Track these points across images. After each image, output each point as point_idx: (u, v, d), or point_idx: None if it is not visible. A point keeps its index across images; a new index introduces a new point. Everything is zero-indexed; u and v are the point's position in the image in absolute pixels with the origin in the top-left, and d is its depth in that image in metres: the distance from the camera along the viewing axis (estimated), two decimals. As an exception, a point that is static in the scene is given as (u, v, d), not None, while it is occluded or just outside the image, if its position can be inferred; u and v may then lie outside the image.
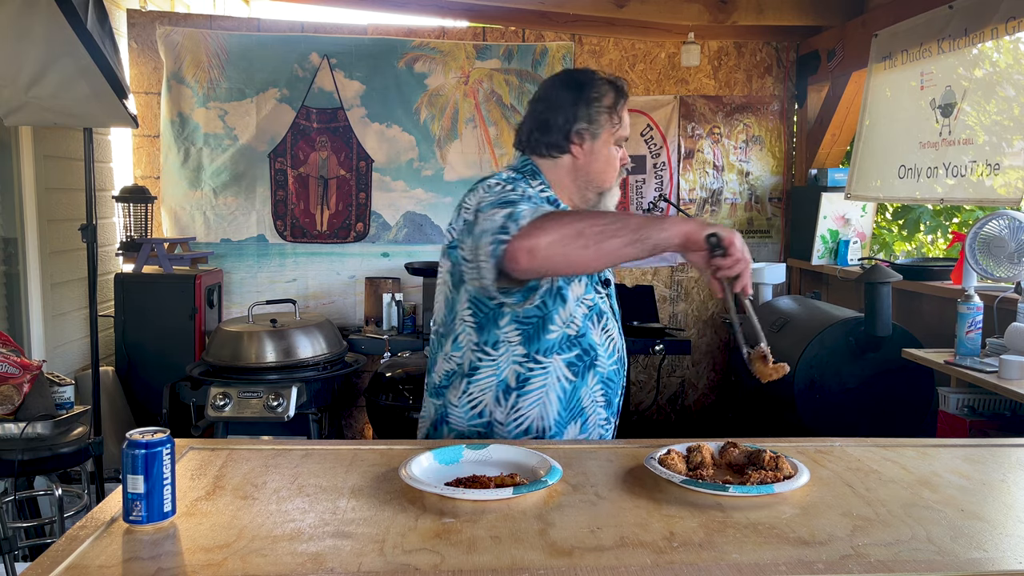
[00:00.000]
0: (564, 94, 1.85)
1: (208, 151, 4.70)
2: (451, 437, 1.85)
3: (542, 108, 1.84)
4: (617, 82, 1.91)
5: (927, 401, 3.32)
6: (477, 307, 1.77)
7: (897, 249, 5.13)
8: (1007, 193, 3.06)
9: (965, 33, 3.26)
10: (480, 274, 1.58)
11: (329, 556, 1.22)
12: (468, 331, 1.79)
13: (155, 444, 1.33)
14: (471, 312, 1.78)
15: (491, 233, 1.54)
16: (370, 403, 3.54)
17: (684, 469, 1.59)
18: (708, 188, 5.00)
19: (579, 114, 1.83)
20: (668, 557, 1.22)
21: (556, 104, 1.83)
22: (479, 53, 4.81)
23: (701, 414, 5.13)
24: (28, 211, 3.70)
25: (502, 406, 1.81)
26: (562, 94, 1.85)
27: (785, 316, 3.69)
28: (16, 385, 2.77)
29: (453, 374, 1.84)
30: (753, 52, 4.97)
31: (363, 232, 4.85)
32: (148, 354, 4.14)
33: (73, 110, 3.13)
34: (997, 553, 1.26)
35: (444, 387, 1.86)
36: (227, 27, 4.72)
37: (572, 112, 1.82)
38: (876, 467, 1.64)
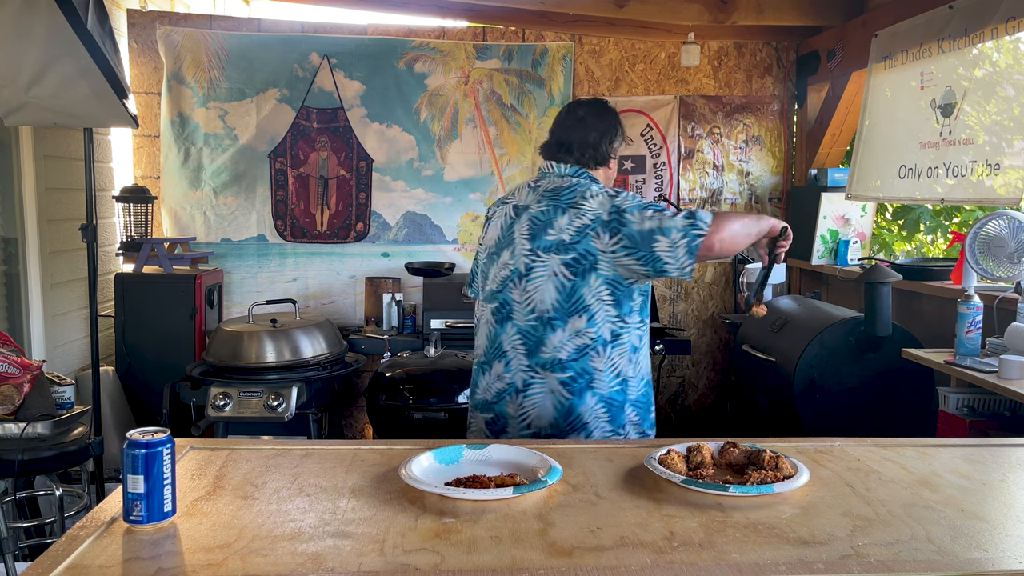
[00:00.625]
0: (605, 119, 2.29)
1: (208, 151, 4.70)
2: (595, 402, 2.14)
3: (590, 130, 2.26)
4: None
5: (927, 401, 3.32)
6: (615, 287, 2.12)
7: (897, 249, 5.13)
8: (1007, 193, 3.06)
9: (965, 33, 3.26)
10: (679, 260, 2.02)
11: (329, 556, 1.22)
12: (605, 308, 2.12)
13: (155, 444, 1.33)
14: (608, 292, 2.12)
15: (680, 229, 2.01)
16: (370, 403, 3.54)
17: (684, 469, 1.59)
18: (708, 188, 5.00)
19: (616, 135, 2.30)
20: (668, 557, 1.23)
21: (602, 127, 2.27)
22: (479, 53, 4.81)
23: (701, 414, 5.13)
24: (28, 211, 3.70)
25: (631, 364, 2.18)
26: (604, 119, 2.28)
27: (785, 316, 3.69)
28: (16, 385, 2.77)
29: (588, 347, 2.13)
30: (753, 52, 4.97)
31: (363, 232, 4.85)
32: (148, 354, 4.14)
33: (73, 110, 3.13)
34: (997, 553, 1.26)
35: (575, 360, 2.14)
36: (227, 27, 4.72)
37: (612, 134, 2.28)
38: (876, 467, 1.65)
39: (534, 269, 2.14)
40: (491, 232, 2.31)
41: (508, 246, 2.22)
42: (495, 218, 2.32)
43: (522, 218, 2.20)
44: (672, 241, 2.02)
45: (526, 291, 2.15)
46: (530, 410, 2.16)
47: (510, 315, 2.19)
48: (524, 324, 2.17)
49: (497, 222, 2.29)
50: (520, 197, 2.27)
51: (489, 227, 2.33)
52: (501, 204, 2.32)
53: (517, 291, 2.17)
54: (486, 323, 2.28)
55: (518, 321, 2.18)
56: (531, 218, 2.17)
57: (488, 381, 2.25)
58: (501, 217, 2.28)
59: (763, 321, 3.81)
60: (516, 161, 4.86)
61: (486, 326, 2.28)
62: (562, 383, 2.13)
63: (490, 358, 2.25)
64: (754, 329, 3.84)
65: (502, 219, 2.28)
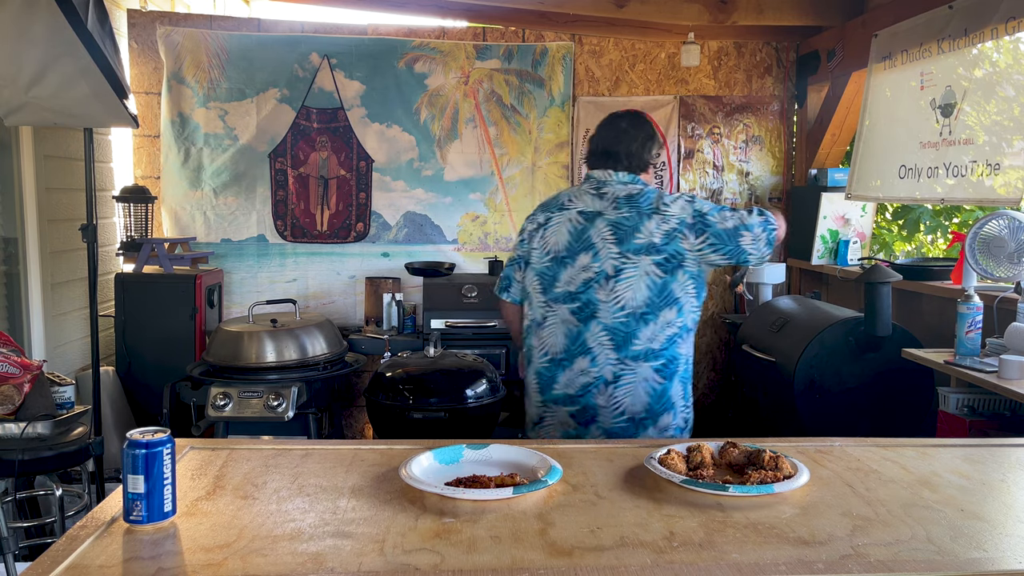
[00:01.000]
0: (645, 128, 2.56)
1: (208, 151, 4.70)
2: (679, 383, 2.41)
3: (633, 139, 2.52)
4: None
5: (927, 401, 3.32)
6: (697, 280, 2.41)
7: (897, 249, 5.13)
8: (1007, 193, 3.06)
9: (965, 33, 3.26)
10: (760, 251, 2.38)
11: (329, 556, 1.22)
12: (690, 299, 2.39)
13: (155, 444, 1.33)
14: (693, 285, 2.40)
15: (759, 225, 2.37)
16: (370, 403, 3.54)
17: (684, 469, 1.59)
18: (708, 188, 5.00)
19: (655, 143, 2.58)
20: (668, 557, 1.23)
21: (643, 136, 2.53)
22: (479, 53, 4.81)
23: (701, 414, 5.11)
24: (28, 211, 3.70)
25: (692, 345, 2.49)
26: (644, 129, 2.56)
27: (785, 316, 3.69)
28: (16, 385, 2.77)
29: (678, 335, 2.40)
30: (753, 52, 4.97)
31: (363, 232, 4.85)
32: (148, 354, 4.14)
33: (73, 110, 3.13)
34: (997, 553, 1.26)
35: (666, 348, 2.39)
36: (227, 27, 4.72)
37: (652, 142, 2.56)
38: (876, 467, 1.65)
39: (624, 270, 2.36)
40: (555, 237, 2.44)
41: (586, 250, 2.39)
42: (556, 224, 2.45)
43: (598, 224, 2.40)
44: (755, 236, 2.36)
45: (614, 291, 2.36)
46: (623, 399, 2.37)
47: (595, 314, 2.38)
48: (612, 321, 2.36)
49: (561, 227, 2.44)
50: (584, 203, 2.44)
51: (548, 232, 2.46)
52: (559, 210, 2.46)
53: (603, 291, 2.37)
54: (562, 323, 2.42)
55: (604, 319, 2.37)
56: (612, 223, 2.38)
57: (570, 376, 2.41)
58: (566, 223, 2.44)
59: (763, 321, 3.81)
60: (516, 161, 4.86)
61: (563, 325, 2.42)
62: (655, 370, 2.37)
63: (572, 355, 2.40)
64: (754, 329, 3.85)
65: (568, 225, 2.43)
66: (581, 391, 2.40)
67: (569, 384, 2.42)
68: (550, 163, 4.89)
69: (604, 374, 2.37)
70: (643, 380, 2.36)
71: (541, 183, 4.89)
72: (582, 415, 2.41)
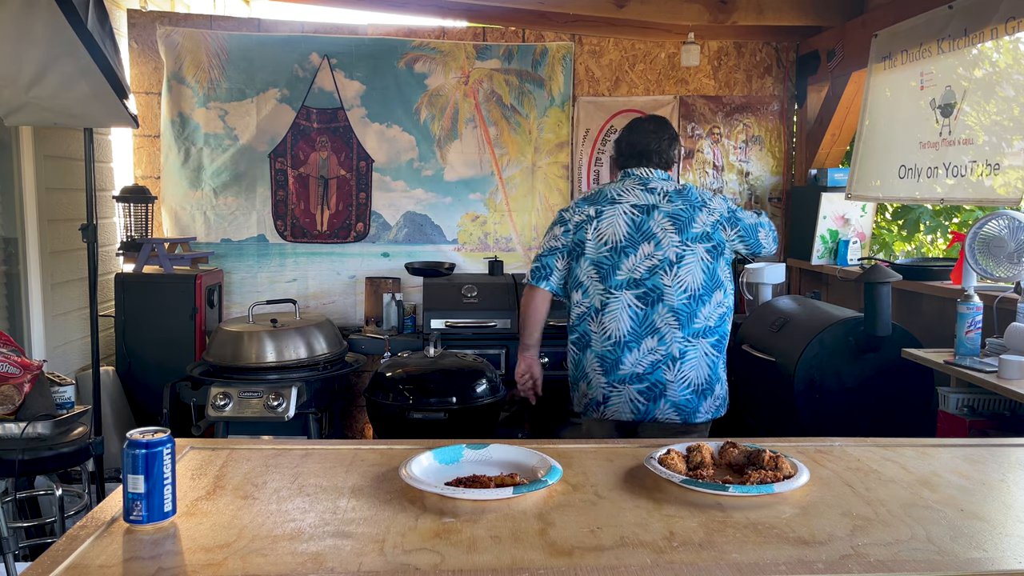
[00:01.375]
0: (669, 130, 2.86)
1: (208, 151, 4.70)
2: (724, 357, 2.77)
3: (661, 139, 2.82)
4: None
5: (927, 401, 3.32)
6: (729, 267, 2.77)
7: (897, 249, 5.13)
8: (1007, 193, 3.06)
9: (965, 33, 3.26)
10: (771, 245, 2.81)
11: (329, 556, 1.22)
12: (729, 283, 2.75)
13: (155, 444, 1.33)
14: (728, 269, 2.76)
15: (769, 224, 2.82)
16: (370, 403, 3.54)
17: (684, 469, 1.59)
18: (708, 188, 5.00)
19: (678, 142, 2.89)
20: (668, 557, 1.23)
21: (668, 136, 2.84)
22: (479, 53, 4.81)
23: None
24: (28, 211, 3.70)
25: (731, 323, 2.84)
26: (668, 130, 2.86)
27: (785, 316, 3.69)
28: (17, 385, 2.77)
29: (726, 314, 2.75)
30: (753, 52, 4.97)
31: (363, 232, 4.85)
32: (148, 354, 4.14)
33: (73, 110, 3.13)
34: (997, 553, 1.26)
35: (718, 327, 2.72)
36: (227, 27, 4.72)
37: (676, 142, 2.88)
38: (876, 467, 1.65)
39: (684, 257, 2.68)
40: (611, 229, 2.71)
41: (647, 240, 2.69)
42: (610, 216, 2.72)
43: (655, 216, 2.70)
44: (767, 232, 2.81)
45: (678, 276, 2.68)
46: (688, 373, 2.69)
47: (661, 297, 2.68)
48: (677, 303, 2.67)
49: (617, 220, 2.71)
50: (635, 197, 2.73)
51: (602, 224, 2.72)
52: (610, 204, 2.73)
53: (668, 277, 2.67)
54: (624, 307, 2.69)
55: (670, 301, 2.67)
56: (670, 215, 2.70)
57: (638, 356, 2.68)
58: (621, 215, 2.72)
59: (763, 321, 3.81)
60: (516, 161, 4.86)
61: (627, 309, 2.69)
62: (712, 345, 2.71)
63: (639, 336, 2.68)
64: (754, 329, 3.85)
65: (624, 217, 2.72)
66: (650, 368, 2.68)
67: (637, 363, 2.68)
68: (550, 163, 4.89)
69: (672, 351, 2.67)
70: (703, 355, 2.70)
71: (541, 183, 4.89)
72: (650, 391, 2.69)
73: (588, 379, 2.76)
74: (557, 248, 2.79)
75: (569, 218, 2.78)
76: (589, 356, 2.76)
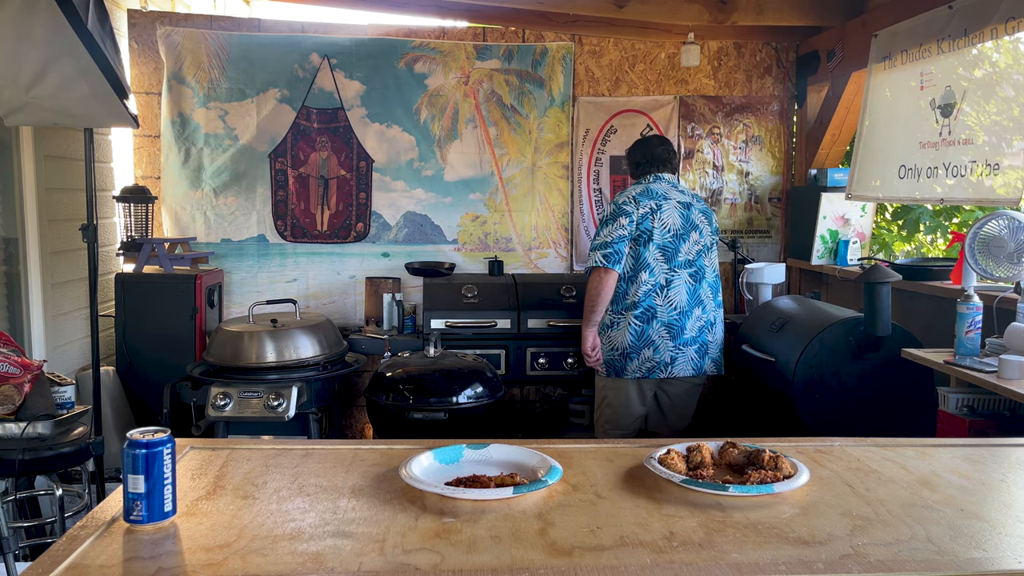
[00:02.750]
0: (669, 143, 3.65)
1: (208, 151, 4.70)
2: None
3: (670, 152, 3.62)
4: None
5: (927, 401, 3.32)
6: None
7: (897, 249, 5.13)
8: (1007, 193, 3.06)
9: (965, 33, 3.26)
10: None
11: (329, 556, 1.22)
12: None
13: (156, 444, 1.33)
14: None
15: None
16: (370, 403, 3.54)
17: (684, 469, 1.60)
18: (708, 188, 5.00)
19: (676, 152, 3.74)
20: (668, 557, 1.23)
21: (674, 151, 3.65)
22: (479, 53, 4.81)
23: (701, 413, 5.12)
24: (29, 211, 3.70)
25: None
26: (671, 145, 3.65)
27: (785, 316, 3.69)
28: (17, 385, 2.77)
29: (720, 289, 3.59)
30: (753, 52, 4.97)
31: (363, 232, 4.85)
32: (149, 354, 4.14)
33: (73, 110, 3.13)
34: (997, 553, 1.26)
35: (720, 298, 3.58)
36: (227, 27, 4.72)
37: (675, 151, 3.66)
38: (876, 467, 1.65)
39: (713, 245, 3.53)
40: (671, 219, 3.41)
41: (694, 229, 3.45)
42: (668, 209, 3.41)
43: (693, 210, 3.48)
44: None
45: (711, 259, 3.52)
46: (719, 334, 3.55)
47: (703, 276, 3.47)
48: (712, 280, 3.52)
49: (673, 212, 3.42)
50: (677, 195, 3.47)
51: (664, 215, 3.40)
52: (664, 199, 3.42)
53: (707, 259, 3.49)
54: (683, 283, 3.41)
55: (708, 278, 3.49)
56: (702, 211, 3.52)
57: (692, 323, 3.42)
58: (674, 208, 3.43)
59: (763, 321, 3.81)
60: (516, 161, 4.86)
61: (684, 285, 3.41)
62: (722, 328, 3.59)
63: (691, 307, 3.42)
64: (754, 329, 3.85)
65: (677, 210, 3.43)
66: (699, 332, 3.45)
67: (692, 328, 3.42)
68: (550, 163, 4.89)
69: (710, 318, 3.49)
70: (721, 321, 3.56)
71: (541, 183, 4.89)
72: (700, 350, 3.46)
73: (655, 345, 3.39)
74: (624, 236, 3.36)
75: (633, 210, 3.37)
76: (656, 325, 3.38)
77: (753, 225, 5.04)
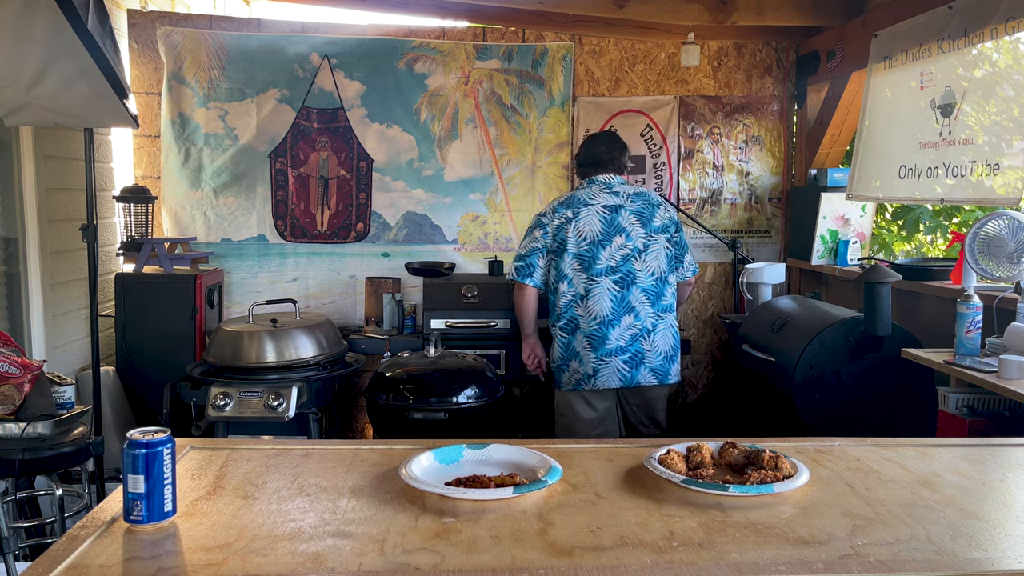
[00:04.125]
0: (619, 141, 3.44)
1: (208, 151, 4.70)
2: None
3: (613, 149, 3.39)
4: None
5: (927, 401, 3.32)
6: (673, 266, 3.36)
7: (897, 249, 5.13)
8: (1007, 193, 3.06)
9: (965, 33, 3.26)
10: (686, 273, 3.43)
11: (329, 556, 1.22)
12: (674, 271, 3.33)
13: (156, 444, 1.33)
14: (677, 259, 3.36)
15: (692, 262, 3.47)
16: (370, 403, 3.54)
17: (684, 469, 1.60)
18: (708, 188, 5.00)
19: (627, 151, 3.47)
20: (668, 557, 1.23)
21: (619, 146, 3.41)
22: (479, 53, 4.81)
23: (701, 414, 5.13)
24: (29, 211, 3.70)
25: None
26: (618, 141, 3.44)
27: (785, 316, 3.69)
28: (17, 385, 2.77)
29: (674, 293, 3.34)
30: (753, 52, 4.97)
31: (363, 232, 4.85)
32: (149, 354, 4.14)
33: (73, 110, 3.13)
34: (997, 553, 1.26)
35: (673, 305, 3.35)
36: (227, 27, 4.72)
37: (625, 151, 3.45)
38: (876, 467, 1.65)
39: (650, 246, 3.26)
40: (588, 226, 3.24)
41: (619, 233, 3.23)
42: (586, 216, 3.24)
43: (623, 213, 3.25)
44: (689, 260, 3.40)
45: (645, 262, 3.25)
46: (659, 342, 3.26)
47: (634, 281, 3.23)
48: (648, 285, 3.25)
49: (592, 219, 3.24)
50: (603, 200, 3.27)
51: (580, 223, 3.24)
52: (584, 206, 3.26)
53: (639, 263, 3.24)
54: (605, 291, 3.22)
55: (642, 283, 3.24)
56: (635, 212, 3.27)
57: (620, 332, 3.21)
58: (595, 215, 3.24)
59: (763, 321, 3.81)
60: (516, 161, 4.86)
61: (606, 293, 3.22)
62: (673, 320, 3.33)
63: (618, 315, 3.22)
64: (754, 329, 3.85)
65: (597, 216, 3.24)
66: (630, 341, 3.22)
67: (620, 338, 3.21)
68: (550, 163, 4.89)
69: (646, 325, 3.24)
70: (668, 327, 3.30)
71: (541, 183, 4.89)
72: (632, 360, 3.23)
73: (579, 357, 3.25)
74: (538, 249, 3.29)
75: (548, 221, 3.29)
76: (579, 337, 3.25)
77: (753, 225, 5.04)
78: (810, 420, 3.31)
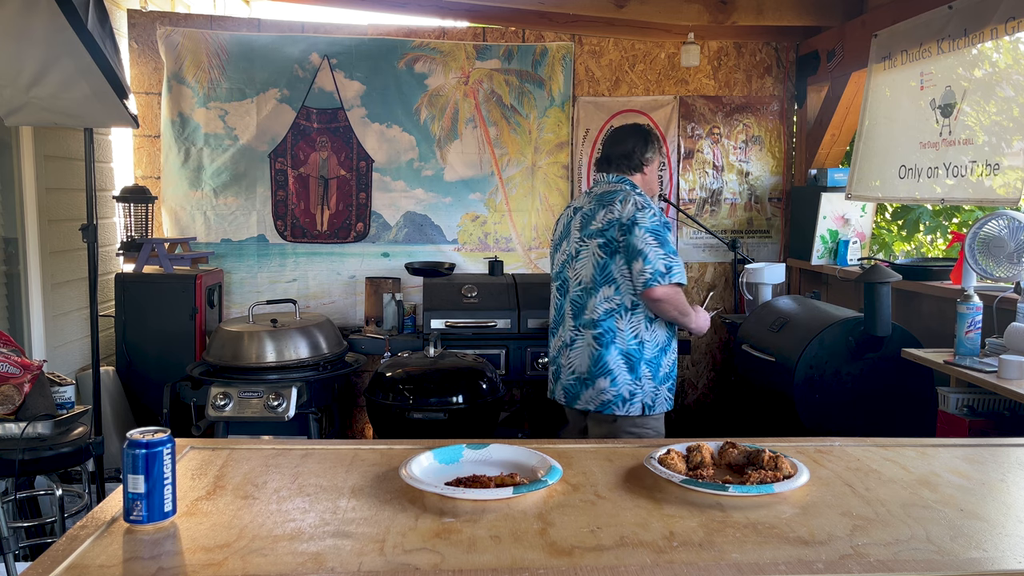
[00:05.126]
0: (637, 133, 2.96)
1: (208, 151, 4.70)
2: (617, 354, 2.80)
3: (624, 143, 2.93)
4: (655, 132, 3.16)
5: (927, 401, 3.32)
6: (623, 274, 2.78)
7: (897, 249, 5.13)
8: (1007, 193, 3.06)
9: (965, 33, 3.26)
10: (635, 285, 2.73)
11: (329, 556, 1.22)
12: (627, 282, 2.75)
13: (156, 444, 1.33)
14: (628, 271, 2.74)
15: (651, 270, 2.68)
16: (370, 403, 3.54)
17: (684, 469, 1.60)
18: (708, 188, 5.00)
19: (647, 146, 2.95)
20: (668, 557, 1.23)
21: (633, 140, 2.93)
22: (479, 53, 4.81)
23: (701, 413, 5.13)
24: (29, 211, 3.70)
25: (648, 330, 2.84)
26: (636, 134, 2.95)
27: (785, 316, 3.69)
28: (17, 385, 2.77)
29: (616, 310, 2.79)
30: (753, 52, 4.97)
31: (363, 232, 4.85)
32: (149, 354, 4.14)
33: (73, 110, 3.13)
34: (996, 553, 1.26)
35: (604, 320, 2.79)
36: (227, 27, 4.72)
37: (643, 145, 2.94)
38: (876, 467, 1.65)
39: (581, 252, 2.86)
40: (558, 229, 3.05)
41: (566, 237, 2.95)
42: (561, 219, 3.04)
43: (577, 215, 2.92)
44: (640, 269, 2.69)
45: (575, 269, 2.88)
46: (574, 359, 2.87)
47: (567, 289, 2.92)
48: (574, 294, 2.88)
49: (562, 222, 3.02)
50: (579, 202, 2.98)
51: (557, 226, 3.06)
52: (566, 210, 3.05)
53: (571, 270, 2.90)
54: (554, 298, 3.02)
55: (571, 293, 2.89)
56: (582, 215, 2.89)
57: (554, 342, 2.99)
58: (565, 218, 3.01)
59: (763, 321, 3.81)
60: (516, 161, 4.86)
61: (554, 300, 3.02)
62: (594, 337, 2.81)
63: (556, 324, 2.99)
64: (754, 329, 3.85)
65: (563, 219, 3.02)
66: (557, 353, 2.97)
67: (553, 348, 3.00)
68: (550, 163, 4.89)
69: (566, 339, 2.91)
70: (586, 345, 2.83)
71: (541, 183, 4.89)
72: (555, 374, 2.98)
73: None
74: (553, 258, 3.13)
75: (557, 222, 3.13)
76: None
77: (753, 225, 5.04)
78: (810, 420, 3.31)
